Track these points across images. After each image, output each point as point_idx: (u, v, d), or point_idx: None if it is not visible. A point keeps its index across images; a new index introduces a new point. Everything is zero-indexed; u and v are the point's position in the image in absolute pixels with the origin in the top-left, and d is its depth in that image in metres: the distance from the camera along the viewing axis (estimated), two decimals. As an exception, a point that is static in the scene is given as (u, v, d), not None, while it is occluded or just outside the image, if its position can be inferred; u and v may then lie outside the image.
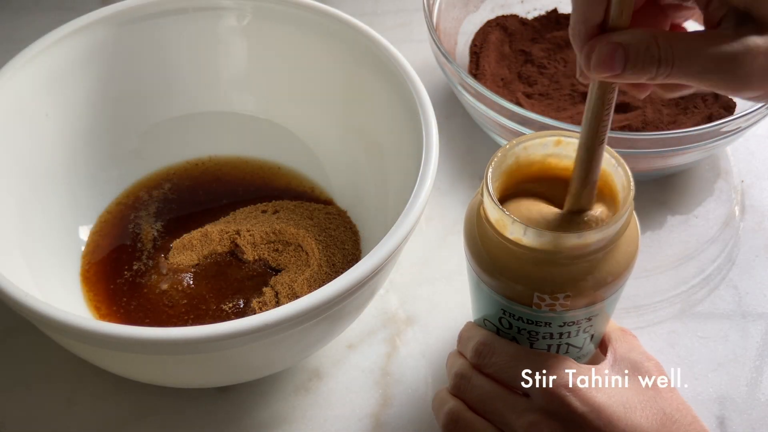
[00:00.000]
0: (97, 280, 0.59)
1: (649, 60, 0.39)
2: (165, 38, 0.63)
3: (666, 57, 0.39)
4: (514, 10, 0.77)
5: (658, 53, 0.39)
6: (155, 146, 0.65)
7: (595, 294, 0.45)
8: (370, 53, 0.59)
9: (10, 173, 0.56)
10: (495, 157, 0.46)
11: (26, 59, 0.56)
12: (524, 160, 0.48)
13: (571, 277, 0.45)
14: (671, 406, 0.45)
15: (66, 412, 0.55)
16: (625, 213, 0.44)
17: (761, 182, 0.68)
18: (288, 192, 0.64)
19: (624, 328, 0.51)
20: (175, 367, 0.50)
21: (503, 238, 0.45)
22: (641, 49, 0.39)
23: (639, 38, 0.39)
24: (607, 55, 0.39)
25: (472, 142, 0.71)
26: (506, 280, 0.46)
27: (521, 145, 0.47)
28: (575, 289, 0.45)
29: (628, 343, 0.50)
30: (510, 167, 0.47)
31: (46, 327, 0.47)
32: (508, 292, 0.46)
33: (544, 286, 0.45)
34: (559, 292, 0.45)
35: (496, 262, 0.46)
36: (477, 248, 0.47)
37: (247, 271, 0.59)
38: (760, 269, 0.63)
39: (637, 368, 0.47)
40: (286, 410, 0.55)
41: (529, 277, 0.45)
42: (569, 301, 0.45)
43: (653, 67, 0.39)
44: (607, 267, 0.45)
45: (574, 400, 0.44)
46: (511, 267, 0.46)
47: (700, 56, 0.39)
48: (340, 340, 0.58)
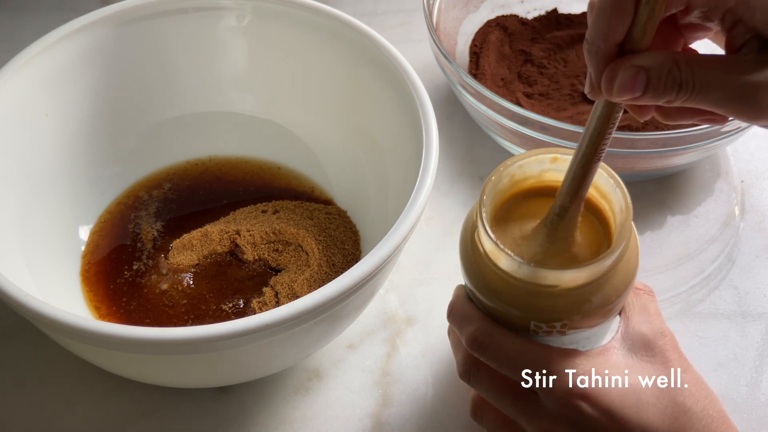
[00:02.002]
0: (97, 280, 0.59)
1: (671, 84, 0.39)
2: (165, 38, 0.63)
3: (687, 82, 0.39)
4: (514, 10, 0.77)
5: (679, 78, 0.39)
6: (155, 146, 0.65)
7: (596, 317, 0.45)
8: (370, 53, 0.59)
9: (10, 173, 0.56)
10: (489, 181, 0.45)
11: (26, 59, 0.56)
12: (520, 178, 0.47)
13: (568, 306, 0.44)
14: (684, 393, 0.44)
15: (66, 412, 0.55)
16: (623, 241, 0.43)
17: (761, 182, 0.68)
18: (288, 192, 0.64)
19: (640, 288, 0.49)
20: (175, 367, 0.50)
21: (497, 268, 0.44)
22: (663, 73, 0.39)
23: (661, 62, 0.39)
24: (629, 79, 0.39)
25: (472, 142, 0.71)
26: (502, 304, 0.45)
27: (516, 164, 0.46)
28: (573, 317, 0.44)
29: (643, 309, 0.47)
30: (505, 186, 0.46)
31: (46, 327, 0.47)
32: (504, 316, 0.46)
33: (540, 316, 0.44)
34: (555, 321, 0.44)
35: (491, 289, 0.45)
36: (472, 270, 0.46)
37: (247, 271, 0.59)
38: (760, 269, 0.63)
39: (648, 347, 0.46)
40: (286, 410, 0.55)
41: (525, 306, 0.44)
42: (566, 328, 0.44)
43: (673, 91, 0.39)
44: (606, 292, 0.44)
45: (586, 406, 0.43)
46: (507, 295, 0.45)
47: (721, 84, 0.39)
48: (340, 340, 0.58)
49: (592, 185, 0.46)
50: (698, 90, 0.39)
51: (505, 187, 0.46)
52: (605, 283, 0.44)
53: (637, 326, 0.47)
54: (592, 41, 0.40)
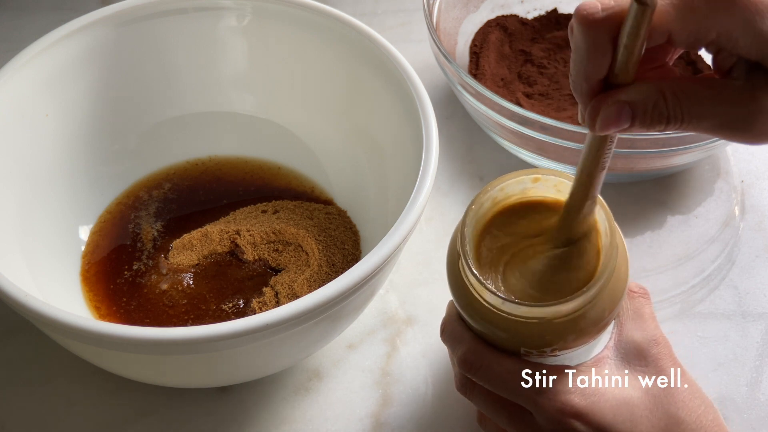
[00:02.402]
0: (97, 280, 0.59)
1: (657, 117, 0.38)
2: (165, 38, 0.63)
3: (675, 114, 0.38)
4: (514, 10, 0.77)
5: (666, 111, 0.38)
6: (155, 146, 0.65)
7: (586, 338, 0.44)
8: (370, 53, 0.59)
9: (10, 173, 0.56)
10: (470, 210, 0.44)
11: (26, 59, 0.56)
12: (501, 198, 0.46)
13: (558, 333, 0.43)
14: (677, 404, 0.44)
15: (66, 412, 0.55)
16: (610, 267, 0.42)
17: (761, 182, 0.68)
18: (288, 192, 0.64)
19: (634, 290, 0.49)
20: (175, 367, 0.50)
21: (484, 300, 0.44)
22: (649, 107, 0.38)
23: (646, 95, 0.38)
24: (614, 115, 0.38)
25: (472, 142, 0.71)
26: (490, 328, 0.45)
27: (497, 187, 0.45)
28: (563, 341, 0.44)
29: (636, 315, 0.47)
30: (486, 209, 0.46)
31: (46, 327, 0.47)
32: (493, 340, 0.45)
33: (529, 343, 0.44)
34: (546, 347, 0.44)
35: (479, 315, 0.45)
36: (460, 293, 0.46)
37: (247, 271, 0.59)
38: (760, 269, 0.63)
39: (642, 356, 0.46)
40: (286, 410, 0.55)
41: (514, 334, 0.44)
42: (557, 351, 0.44)
43: (661, 124, 0.38)
44: (595, 314, 0.43)
45: (579, 425, 0.43)
46: (495, 322, 0.44)
47: (711, 114, 0.38)
48: (340, 340, 0.58)
49: None
50: (688, 120, 0.38)
51: (486, 209, 0.46)
52: (594, 306, 0.43)
53: (629, 333, 0.47)
54: (575, 79, 0.39)
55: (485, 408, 0.47)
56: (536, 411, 0.44)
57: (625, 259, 0.45)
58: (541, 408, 0.44)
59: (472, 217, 0.45)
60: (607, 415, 0.43)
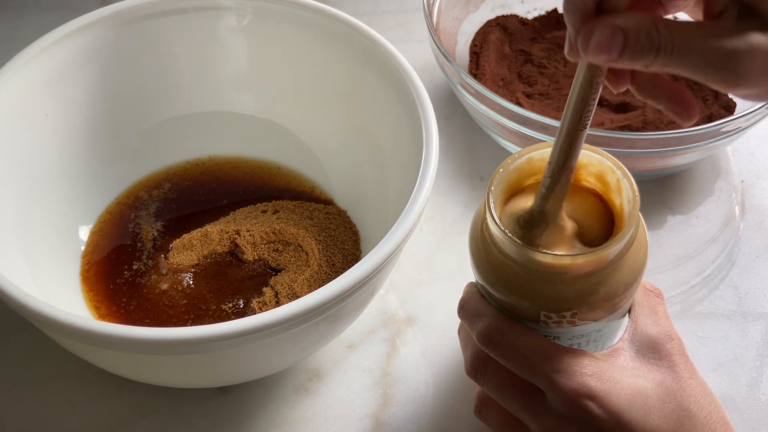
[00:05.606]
0: (97, 280, 0.59)
1: (648, 47, 0.38)
2: (165, 38, 0.63)
3: (665, 45, 0.38)
4: (514, 10, 0.77)
5: (658, 40, 0.38)
6: (155, 146, 0.65)
7: (604, 309, 0.45)
8: (370, 53, 0.59)
9: (10, 173, 0.56)
10: (497, 172, 0.45)
11: (26, 59, 0.56)
12: (527, 171, 0.47)
13: (578, 294, 0.44)
14: (689, 398, 0.44)
15: (66, 412, 0.55)
16: (631, 229, 0.43)
17: (761, 182, 0.68)
18: (288, 192, 0.64)
19: (649, 289, 0.49)
20: (175, 367, 0.50)
21: (506, 257, 0.44)
22: (641, 34, 0.38)
23: (640, 23, 0.38)
24: (606, 38, 0.38)
25: (472, 142, 0.71)
26: (512, 296, 0.45)
27: (525, 158, 0.46)
28: (581, 307, 0.44)
29: (651, 311, 0.48)
30: (513, 179, 0.46)
31: (46, 327, 0.47)
32: (514, 308, 0.46)
33: (549, 305, 0.44)
34: (565, 311, 0.44)
35: (501, 279, 0.45)
36: (482, 262, 0.46)
37: (247, 271, 0.59)
38: (760, 269, 0.63)
39: (656, 350, 0.46)
40: (286, 410, 0.55)
41: (535, 295, 0.44)
42: (576, 318, 0.45)
43: (651, 54, 0.38)
44: (615, 281, 0.44)
45: (594, 406, 0.43)
46: (516, 284, 0.45)
47: (700, 49, 0.38)
48: (340, 340, 0.58)
49: (598, 178, 0.46)
50: (677, 54, 0.38)
51: (512, 179, 0.46)
52: (612, 273, 0.44)
53: (645, 328, 0.47)
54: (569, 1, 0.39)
55: (496, 389, 0.47)
56: (551, 390, 0.44)
57: (645, 241, 0.46)
58: (557, 386, 0.44)
59: (500, 179, 0.45)
60: (622, 401, 0.43)
